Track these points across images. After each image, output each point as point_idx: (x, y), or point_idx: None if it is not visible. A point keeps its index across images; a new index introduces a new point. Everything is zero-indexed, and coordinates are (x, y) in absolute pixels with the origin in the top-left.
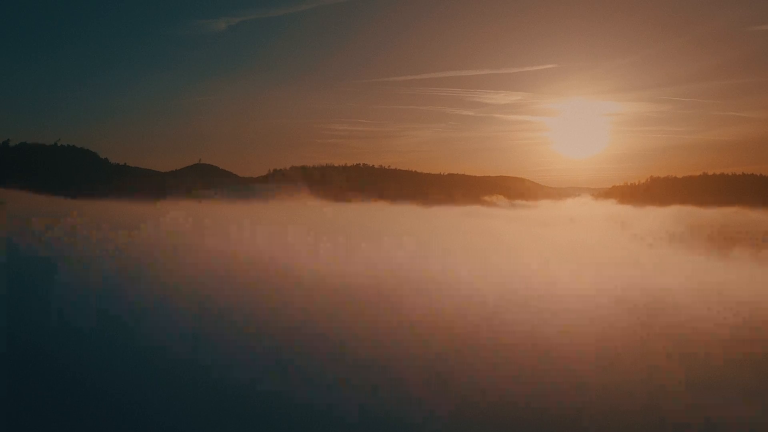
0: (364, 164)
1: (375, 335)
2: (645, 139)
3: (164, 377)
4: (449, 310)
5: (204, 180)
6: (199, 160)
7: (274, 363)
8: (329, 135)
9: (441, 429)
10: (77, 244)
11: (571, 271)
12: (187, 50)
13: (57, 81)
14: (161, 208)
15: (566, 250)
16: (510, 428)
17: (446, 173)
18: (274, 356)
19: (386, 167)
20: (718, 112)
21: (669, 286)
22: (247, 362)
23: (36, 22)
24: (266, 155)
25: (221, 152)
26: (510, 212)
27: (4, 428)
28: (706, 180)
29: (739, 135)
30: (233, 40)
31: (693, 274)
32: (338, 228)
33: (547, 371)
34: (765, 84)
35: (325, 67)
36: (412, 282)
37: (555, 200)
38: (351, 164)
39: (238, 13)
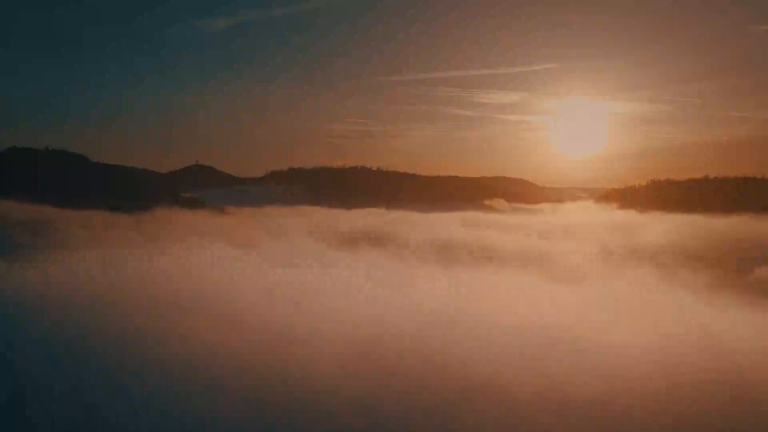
0: (362, 166)
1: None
2: (645, 139)
3: None
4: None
5: (201, 181)
6: (195, 162)
7: None
8: (328, 135)
9: None
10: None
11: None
12: (186, 50)
13: (54, 81)
14: (155, 216)
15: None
16: None
17: (445, 175)
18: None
19: (384, 169)
20: (718, 112)
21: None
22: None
23: (32, 22)
24: (264, 156)
25: (218, 153)
26: (510, 219)
27: None
28: (707, 183)
29: (739, 135)
30: (233, 40)
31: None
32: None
33: None
34: (765, 84)
35: (326, 67)
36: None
37: (555, 203)
38: (349, 166)
39: (238, 13)
